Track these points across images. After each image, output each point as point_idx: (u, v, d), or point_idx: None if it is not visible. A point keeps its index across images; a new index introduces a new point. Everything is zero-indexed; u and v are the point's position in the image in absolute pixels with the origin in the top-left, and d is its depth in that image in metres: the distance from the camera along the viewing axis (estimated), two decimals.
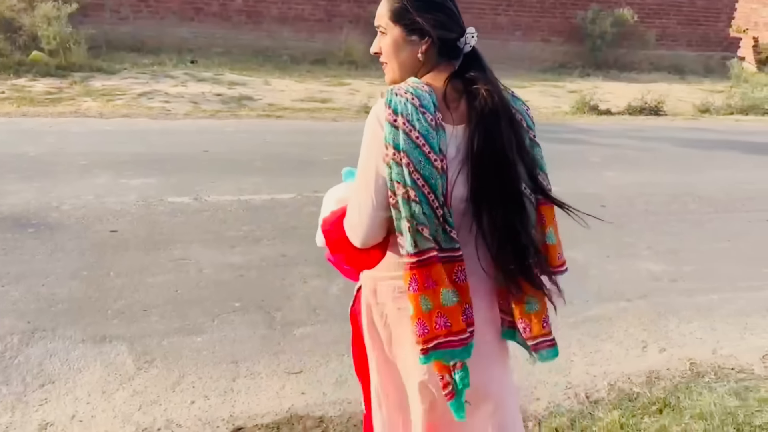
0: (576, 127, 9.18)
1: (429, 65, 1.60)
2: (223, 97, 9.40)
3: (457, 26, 1.61)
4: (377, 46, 1.66)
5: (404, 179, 1.45)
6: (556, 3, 15.21)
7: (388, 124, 1.47)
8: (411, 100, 1.48)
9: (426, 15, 1.57)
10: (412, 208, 1.45)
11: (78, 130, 7.04)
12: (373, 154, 1.51)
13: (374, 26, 1.66)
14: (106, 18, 12.18)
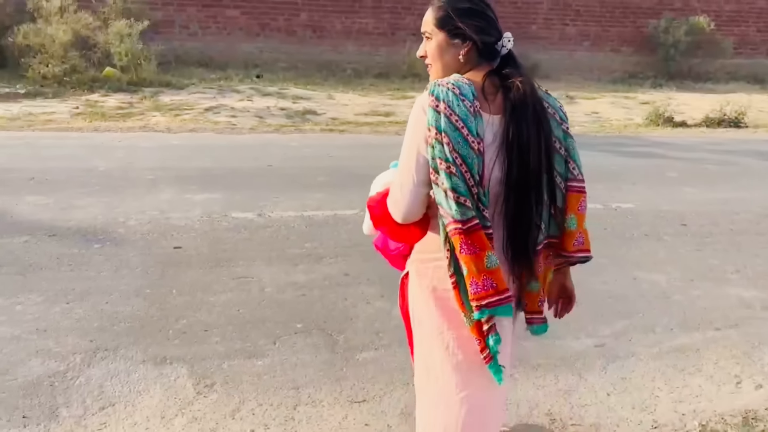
0: (650, 139, 8.78)
1: (469, 66, 1.78)
2: (287, 112, 9.43)
3: (495, 31, 1.78)
4: (423, 49, 1.86)
5: (445, 156, 1.62)
6: (626, 12, 14.75)
7: (431, 109, 1.66)
8: (452, 89, 1.67)
9: (467, 21, 1.75)
10: (453, 181, 1.62)
11: (146, 145, 7.15)
12: (416, 137, 1.70)
13: (420, 32, 1.85)
14: (176, 34, 12.46)
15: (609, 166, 7.20)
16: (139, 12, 11.34)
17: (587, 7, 14.53)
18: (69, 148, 6.85)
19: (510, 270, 1.79)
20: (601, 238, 4.95)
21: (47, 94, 9.59)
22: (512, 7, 14.12)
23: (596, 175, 6.75)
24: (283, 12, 12.91)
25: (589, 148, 8.04)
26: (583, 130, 9.35)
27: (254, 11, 12.79)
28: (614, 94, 12.71)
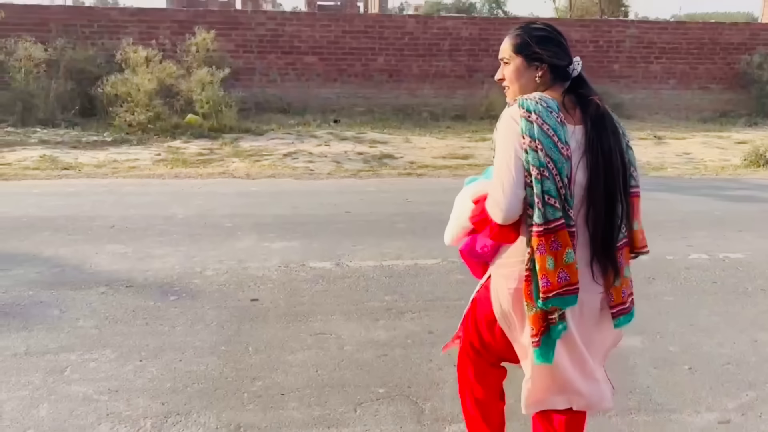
0: (752, 182, 8.16)
1: (544, 87, 2.01)
2: (364, 156, 9.32)
3: (566, 56, 2.01)
4: (501, 73, 2.10)
5: (538, 161, 1.83)
6: (714, 48, 14.11)
7: (524, 120, 1.88)
8: (539, 102, 1.90)
9: (543, 47, 2.00)
10: (544, 185, 1.84)
11: (225, 191, 7.13)
12: (511, 143, 1.89)
13: (498, 58, 2.08)
14: (256, 81, 12.70)
15: (710, 211, 6.67)
16: (221, 60, 11.61)
17: (672, 44, 13.98)
18: (150, 195, 6.90)
19: (594, 267, 1.98)
20: (711, 293, 4.49)
21: (132, 141, 9.84)
22: (594, 47, 13.74)
23: (696, 221, 6.27)
24: (360, 57, 12.98)
25: (685, 192, 7.54)
26: (677, 171, 8.81)
27: (331, 57, 12.91)
28: (705, 133, 12.05)
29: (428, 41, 13.11)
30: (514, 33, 2.07)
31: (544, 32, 2.05)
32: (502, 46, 2.08)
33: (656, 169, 9.04)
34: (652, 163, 9.41)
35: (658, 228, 5.99)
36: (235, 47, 12.58)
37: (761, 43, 14.11)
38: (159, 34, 12.09)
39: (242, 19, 12.77)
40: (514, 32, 2.07)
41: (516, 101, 1.95)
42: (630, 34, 13.83)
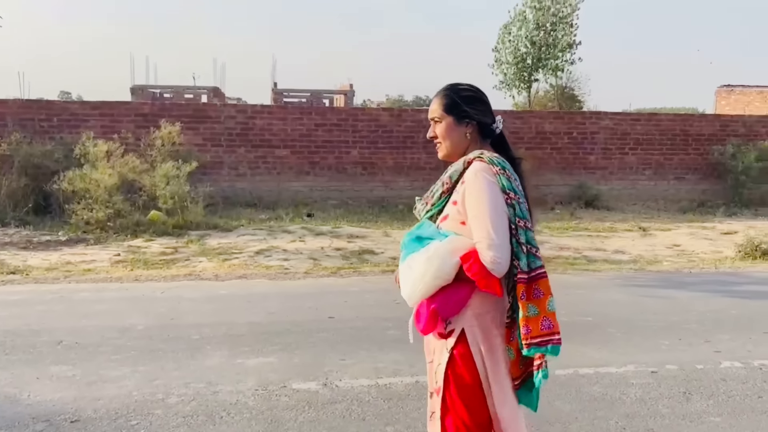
0: (756, 276, 7.73)
1: (473, 143, 2.22)
2: (343, 252, 8.69)
3: (491, 115, 2.24)
4: (433, 131, 2.28)
5: (522, 213, 2.05)
6: (687, 139, 14.15)
7: (501, 177, 2.07)
8: (500, 159, 2.13)
9: (471, 106, 2.21)
10: (528, 235, 2.04)
11: (191, 296, 6.38)
12: (496, 198, 2.04)
13: (429, 118, 2.29)
14: (224, 175, 12.15)
15: (725, 309, 6.14)
16: (187, 154, 11.07)
17: (646, 135, 13.97)
18: (106, 303, 6.11)
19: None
20: (763, 411, 3.86)
21: (89, 240, 9.07)
22: (568, 138, 13.62)
23: (715, 321, 5.71)
24: (333, 150, 12.59)
25: (691, 288, 7.05)
26: (674, 266, 8.35)
27: (304, 150, 12.49)
28: (689, 224, 11.77)
29: (402, 134, 12.82)
30: (443, 93, 2.23)
31: (471, 92, 2.23)
32: (432, 107, 2.24)
33: (651, 263, 8.58)
34: (645, 257, 8.97)
35: (676, 330, 5.45)
36: (203, 141, 12.10)
37: (731, 134, 14.19)
38: (122, 127, 11.56)
39: (211, 112, 12.35)
40: (442, 93, 2.23)
41: (481, 160, 2.10)
42: (604, 126, 13.80)
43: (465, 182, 2.13)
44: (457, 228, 2.19)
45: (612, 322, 5.66)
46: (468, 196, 2.09)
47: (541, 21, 18.37)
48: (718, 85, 30.41)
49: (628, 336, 5.30)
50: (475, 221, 2.05)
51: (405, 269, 2.17)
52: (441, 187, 2.23)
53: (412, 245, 2.19)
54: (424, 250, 2.13)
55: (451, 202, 2.21)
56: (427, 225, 2.21)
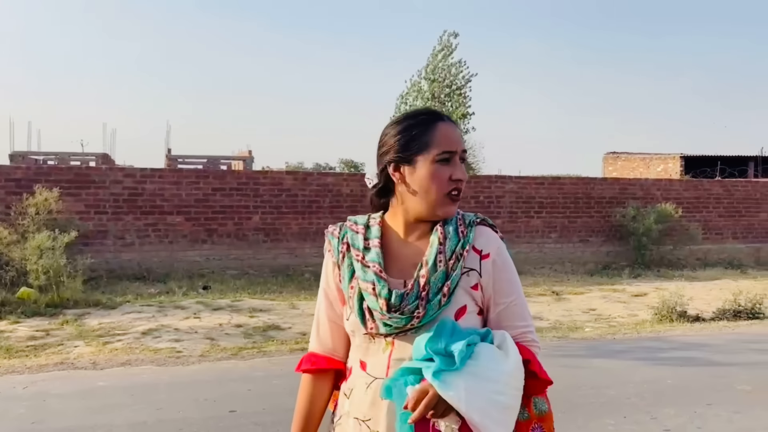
0: (679, 341, 7.50)
1: None
2: (245, 329, 7.80)
3: None
4: (465, 173, 1.63)
5: None
6: (590, 202, 14.34)
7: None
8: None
9: None
10: None
11: (61, 391, 5.31)
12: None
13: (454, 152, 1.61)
14: (109, 245, 10.98)
15: (661, 380, 5.76)
16: (67, 223, 9.91)
17: (550, 198, 14.04)
18: None
19: None
20: None
21: None
22: (475, 202, 13.45)
23: (654, 394, 5.29)
24: (233, 216, 11.73)
25: (620, 357, 6.69)
26: (597, 332, 8.04)
27: (200, 217, 11.56)
28: (600, 287, 11.68)
29: (308, 198, 12.18)
30: (456, 123, 1.69)
31: None
32: (459, 133, 1.65)
33: (573, 329, 8.24)
34: (564, 323, 8.64)
35: (618, 406, 5.00)
36: (86, 207, 10.93)
37: (630, 197, 14.52)
38: None
39: (95, 176, 11.24)
40: (454, 121, 1.68)
41: (485, 221, 1.68)
42: (509, 190, 13.75)
43: (491, 258, 1.61)
44: (475, 323, 1.59)
45: (551, 400, 5.11)
46: (503, 276, 1.62)
47: (436, 92, 18.59)
48: (605, 152, 32.08)
49: (570, 416, 4.76)
50: (516, 308, 1.62)
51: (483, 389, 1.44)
52: (437, 261, 1.57)
53: (444, 360, 1.44)
54: (502, 355, 1.49)
55: (467, 288, 1.58)
56: (447, 323, 1.51)
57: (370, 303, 1.55)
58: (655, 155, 28.82)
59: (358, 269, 1.60)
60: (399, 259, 1.62)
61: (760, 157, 27.88)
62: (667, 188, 15.08)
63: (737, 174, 25.47)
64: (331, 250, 1.69)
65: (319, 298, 1.74)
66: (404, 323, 1.52)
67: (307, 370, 1.72)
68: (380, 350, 1.58)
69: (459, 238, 1.59)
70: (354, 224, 1.70)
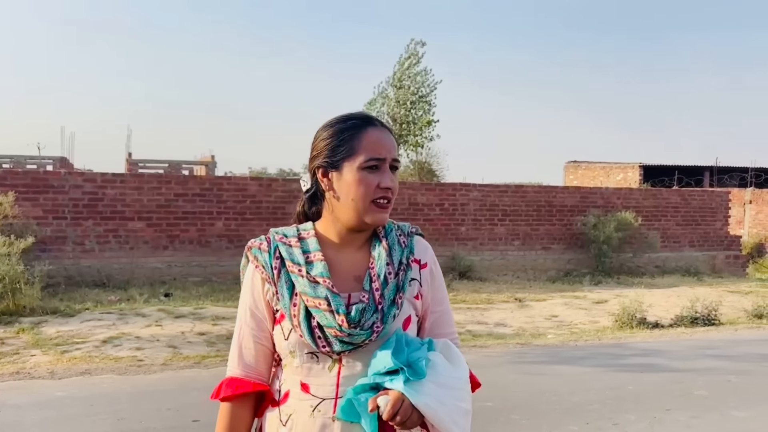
0: (638, 347, 7.64)
1: None
2: (208, 337, 7.69)
3: None
4: (394, 181, 1.57)
5: None
6: (551, 210, 14.53)
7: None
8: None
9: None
10: None
11: (17, 402, 5.16)
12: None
13: (383, 159, 1.54)
14: (68, 252, 10.74)
15: (621, 386, 5.86)
16: (23, 228, 9.67)
17: (513, 206, 14.19)
18: None
19: None
20: None
21: None
22: (440, 209, 13.52)
23: (615, 400, 5.38)
24: (195, 222, 11.57)
25: (582, 363, 6.79)
26: (559, 339, 8.13)
27: (161, 223, 11.37)
28: (561, 294, 11.84)
29: (272, 204, 12.09)
30: (388, 126, 1.62)
31: None
32: (391, 141, 1.57)
33: (535, 336, 8.33)
34: (527, 329, 8.74)
35: (581, 413, 5.08)
36: (43, 213, 10.67)
37: (591, 205, 14.76)
38: None
39: (53, 181, 10.98)
40: (385, 124, 1.60)
41: (414, 228, 1.68)
42: (473, 198, 13.86)
43: (429, 267, 1.64)
44: (414, 332, 1.58)
45: (514, 406, 5.17)
46: (437, 284, 1.66)
47: (402, 99, 18.69)
48: (566, 161, 32.61)
49: (535, 423, 4.82)
50: (447, 316, 1.67)
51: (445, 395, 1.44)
52: (386, 273, 1.55)
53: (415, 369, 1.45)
54: (453, 363, 1.51)
55: (411, 298, 1.58)
56: (400, 334, 1.51)
57: (323, 321, 1.48)
58: (614, 164, 29.43)
59: (303, 285, 1.51)
60: (339, 271, 1.55)
61: (716, 167, 28.69)
62: (626, 197, 15.37)
63: (693, 183, 26.15)
64: (258, 266, 1.58)
65: (242, 318, 1.62)
66: (364, 338, 1.47)
67: (228, 397, 1.58)
68: (325, 370, 1.52)
69: (402, 249, 1.58)
70: (283, 237, 1.60)
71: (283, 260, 1.56)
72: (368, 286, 1.52)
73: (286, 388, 1.57)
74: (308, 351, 1.51)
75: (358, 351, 1.49)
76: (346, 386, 1.47)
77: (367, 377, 1.45)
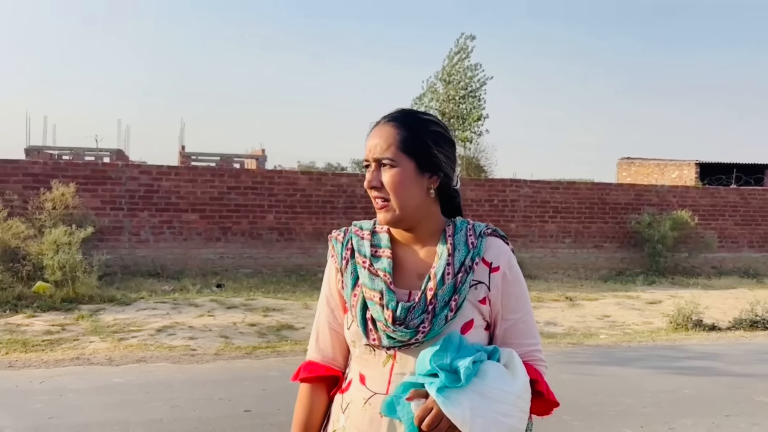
0: (694, 350, 7.43)
1: (433, 205, 1.56)
2: (259, 328, 7.81)
3: (455, 166, 1.58)
4: (377, 179, 1.50)
5: None
6: (605, 208, 14.24)
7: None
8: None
9: (441, 149, 1.53)
10: None
11: (77, 386, 5.33)
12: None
13: (369, 158, 1.52)
14: (124, 242, 11.04)
15: (678, 389, 5.71)
16: (83, 219, 9.96)
17: (565, 203, 13.96)
18: None
19: None
20: None
21: None
22: (489, 206, 13.40)
23: (671, 403, 5.24)
24: (247, 215, 11.75)
25: (635, 365, 6.64)
26: (612, 339, 7.98)
27: (214, 215, 11.59)
28: (614, 293, 11.60)
29: (322, 198, 12.18)
30: (400, 122, 1.51)
31: (440, 128, 1.56)
32: (377, 141, 1.50)
33: (587, 336, 8.19)
34: (578, 329, 8.59)
35: (634, 415, 4.96)
36: (102, 204, 10.99)
37: (645, 203, 14.42)
38: (7, 188, 10.32)
39: (111, 173, 11.31)
40: (398, 121, 1.52)
41: (496, 232, 1.59)
42: (524, 194, 13.69)
43: (501, 271, 1.55)
44: (482, 338, 1.53)
45: (566, 407, 5.04)
46: (512, 290, 1.56)
47: (452, 94, 18.55)
48: (619, 158, 31.90)
49: (587, 425, 4.73)
50: (523, 325, 1.57)
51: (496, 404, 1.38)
52: (444, 274, 1.51)
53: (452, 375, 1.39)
54: (509, 375, 1.43)
55: (474, 301, 1.52)
56: (453, 337, 1.45)
57: (375, 313, 1.48)
58: (670, 161, 28.64)
59: (364, 276, 1.53)
60: (404, 268, 1.55)
61: None
62: (683, 195, 14.96)
63: (753, 182, 25.26)
64: (334, 255, 1.63)
65: (320, 305, 1.68)
66: (408, 337, 1.45)
67: (306, 379, 1.65)
68: (380, 363, 1.52)
69: (468, 249, 1.53)
70: (359, 229, 1.62)
71: (353, 251, 1.58)
72: (424, 285, 1.50)
73: (350, 377, 1.60)
74: (366, 343, 1.52)
75: (410, 349, 1.47)
76: (396, 383, 1.46)
77: (414, 377, 1.44)
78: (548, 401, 1.55)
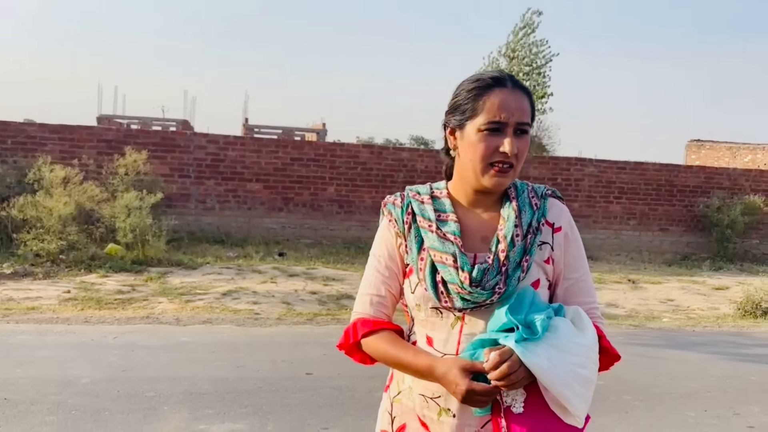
0: (764, 338, 7.22)
1: None
2: (319, 296, 7.96)
3: None
4: (516, 146, 1.48)
5: None
6: (672, 190, 13.82)
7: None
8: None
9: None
10: None
11: (147, 343, 5.57)
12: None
13: (505, 123, 1.48)
14: (191, 208, 11.37)
15: (744, 376, 5.56)
16: (152, 185, 10.29)
17: (631, 184, 13.62)
18: (48, 348, 5.27)
19: None
20: None
21: (37, 274, 8.18)
22: (552, 184, 13.17)
23: (737, 389, 5.12)
24: (309, 186, 11.92)
25: (699, 350, 6.48)
26: (675, 323, 7.81)
27: (277, 185, 11.79)
28: (678, 278, 11.31)
29: (382, 172, 12.24)
30: (525, 89, 1.53)
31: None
32: (520, 104, 1.49)
33: (649, 319, 8.03)
34: (640, 312, 8.43)
35: (698, 399, 4.85)
36: (170, 171, 11.33)
37: (715, 186, 13.94)
38: (83, 153, 10.74)
39: (180, 141, 11.62)
40: (522, 87, 1.53)
41: (550, 190, 1.63)
42: (588, 173, 13.42)
43: (563, 231, 1.57)
44: (545, 297, 1.55)
45: (627, 387, 5.02)
46: (572, 250, 1.58)
47: (515, 70, 18.24)
48: (689, 140, 30.81)
49: (648, 405, 4.67)
50: (583, 284, 1.59)
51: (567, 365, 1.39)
52: (514, 235, 1.51)
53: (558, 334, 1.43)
54: (578, 329, 1.45)
55: (540, 261, 1.54)
56: (527, 294, 1.47)
57: (447, 276, 1.48)
58: (742, 144, 27.50)
59: (433, 240, 1.52)
60: (467, 232, 1.55)
61: None
62: (756, 179, 14.38)
63: None
64: (392, 220, 1.60)
65: (371, 268, 1.64)
66: (485, 298, 1.45)
67: (368, 333, 1.58)
68: (448, 325, 1.52)
69: (533, 211, 1.54)
70: (417, 194, 1.61)
71: (414, 216, 1.57)
72: (495, 247, 1.50)
73: (414, 339, 1.60)
74: (432, 306, 1.52)
75: (480, 310, 1.48)
76: (466, 343, 1.47)
77: (486, 333, 1.45)
78: (610, 355, 1.56)
